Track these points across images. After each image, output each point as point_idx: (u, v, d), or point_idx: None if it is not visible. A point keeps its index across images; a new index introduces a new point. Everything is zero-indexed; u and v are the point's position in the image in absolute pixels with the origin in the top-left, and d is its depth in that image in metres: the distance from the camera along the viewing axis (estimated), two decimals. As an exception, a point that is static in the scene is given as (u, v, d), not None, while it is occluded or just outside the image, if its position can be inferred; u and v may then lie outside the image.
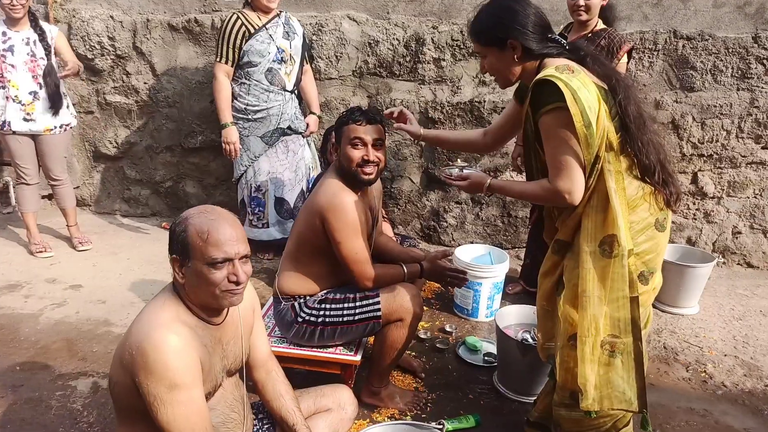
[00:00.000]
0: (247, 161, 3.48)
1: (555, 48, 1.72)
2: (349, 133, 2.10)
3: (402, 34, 3.66)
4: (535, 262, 3.16)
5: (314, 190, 2.19)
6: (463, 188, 1.92)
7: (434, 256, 2.29)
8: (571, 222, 1.75)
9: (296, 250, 2.19)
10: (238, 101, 3.38)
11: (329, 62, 3.77)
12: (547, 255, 1.89)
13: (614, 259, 1.65)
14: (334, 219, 2.04)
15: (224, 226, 1.41)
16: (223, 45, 3.28)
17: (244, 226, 3.63)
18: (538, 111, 1.65)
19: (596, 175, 1.65)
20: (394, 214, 4.03)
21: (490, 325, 3.02)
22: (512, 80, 1.79)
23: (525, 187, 1.78)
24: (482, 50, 1.77)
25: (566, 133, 1.60)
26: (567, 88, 1.57)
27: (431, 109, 3.73)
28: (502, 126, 2.09)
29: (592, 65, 1.69)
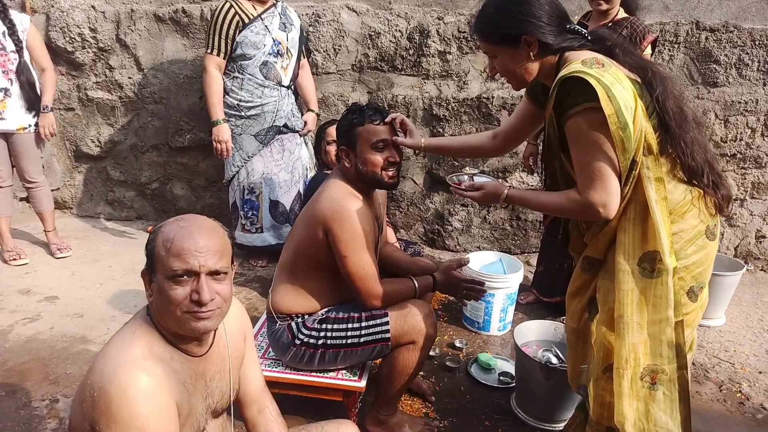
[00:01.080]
0: (240, 161, 3.24)
1: (576, 40, 1.51)
2: (369, 135, 1.88)
3: (405, 25, 3.42)
4: (549, 270, 2.94)
5: (316, 195, 1.94)
6: (476, 200, 1.70)
7: (448, 266, 2.06)
8: (604, 237, 1.53)
9: (293, 263, 1.95)
10: (230, 97, 3.14)
11: (327, 56, 3.53)
12: (575, 273, 1.67)
13: (656, 279, 1.44)
14: (340, 229, 1.81)
15: (193, 234, 1.20)
16: (214, 35, 3.04)
17: (236, 230, 3.40)
18: (564, 113, 1.43)
19: (633, 183, 1.44)
20: (395, 217, 3.79)
21: (503, 340, 2.79)
22: (528, 81, 1.57)
23: (549, 198, 1.55)
24: (491, 50, 1.55)
25: (599, 137, 1.39)
26: (599, 84, 1.36)
27: (436, 105, 3.50)
28: (514, 127, 1.86)
29: (623, 57, 1.47)
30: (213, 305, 1.22)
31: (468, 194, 1.70)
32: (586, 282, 1.62)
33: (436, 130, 3.55)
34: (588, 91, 1.36)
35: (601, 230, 1.54)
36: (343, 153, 1.95)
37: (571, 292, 1.67)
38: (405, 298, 1.94)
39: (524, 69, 1.54)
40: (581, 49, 1.50)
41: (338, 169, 1.99)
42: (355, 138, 1.91)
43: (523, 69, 1.54)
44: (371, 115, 1.90)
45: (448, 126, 3.52)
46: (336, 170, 2.00)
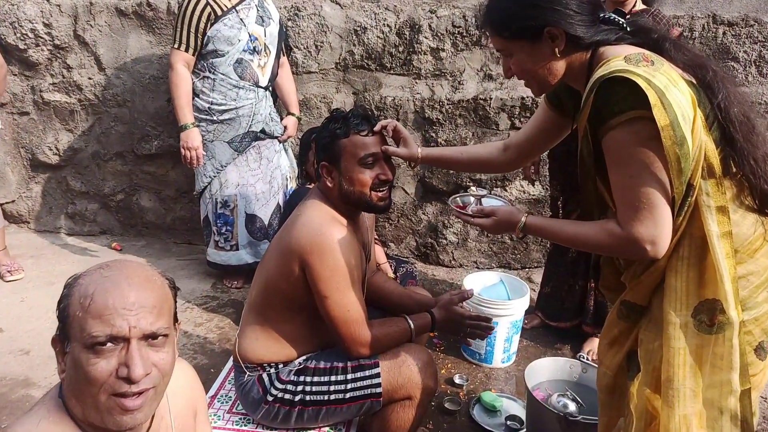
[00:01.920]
0: (212, 171, 2.91)
1: (612, 32, 1.20)
2: (355, 149, 1.57)
3: (394, 19, 3.09)
4: (558, 292, 2.64)
5: (291, 220, 1.62)
6: (485, 228, 1.38)
7: (448, 301, 1.75)
8: (649, 279, 1.23)
9: (264, 302, 1.63)
10: (200, 99, 2.81)
11: (308, 53, 3.19)
12: (610, 318, 1.36)
13: (716, 335, 1.14)
14: (321, 264, 1.49)
15: (120, 286, 0.92)
16: (182, 28, 2.71)
17: (209, 248, 3.07)
18: (602, 124, 1.13)
19: (688, 212, 1.14)
20: (385, 230, 3.47)
21: (508, 373, 2.48)
22: (552, 83, 1.26)
23: (580, 230, 1.24)
24: (507, 46, 1.24)
25: (648, 155, 1.10)
26: (650, 87, 1.06)
27: (428, 107, 3.18)
28: (530, 138, 1.55)
29: (674, 52, 1.17)
30: (147, 382, 0.91)
31: (476, 221, 1.39)
32: (624, 331, 1.31)
33: (428, 135, 3.23)
34: (635, 95, 1.07)
35: (646, 270, 1.23)
36: (323, 170, 1.63)
37: (605, 343, 1.36)
38: (398, 342, 1.63)
39: (547, 69, 1.23)
40: (619, 43, 1.19)
41: (318, 189, 1.67)
42: (339, 152, 1.59)
43: (546, 69, 1.23)
44: (358, 125, 1.59)
45: (441, 130, 3.20)
46: (315, 189, 1.68)
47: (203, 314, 2.84)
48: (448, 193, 3.33)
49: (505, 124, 3.14)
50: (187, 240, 3.63)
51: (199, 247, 3.52)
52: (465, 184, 3.26)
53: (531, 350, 2.65)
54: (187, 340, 2.62)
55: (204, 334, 2.67)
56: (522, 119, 3.11)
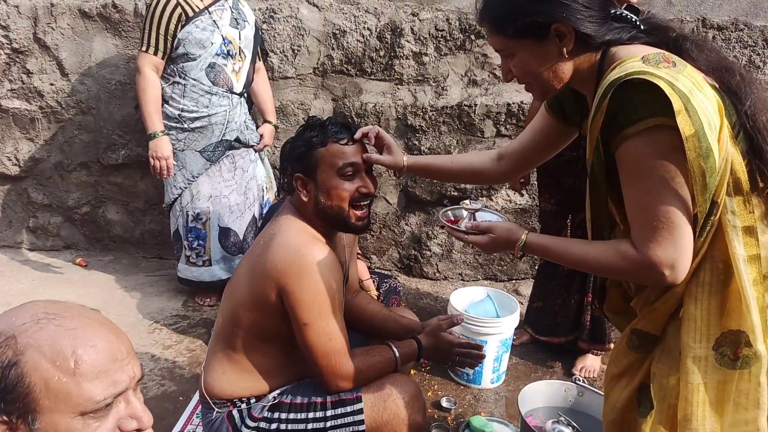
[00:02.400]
0: (183, 182, 2.74)
1: (624, 30, 1.08)
2: (333, 158, 1.43)
3: (374, 22, 2.96)
4: (550, 306, 2.51)
5: (263, 241, 1.47)
6: (481, 246, 1.25)
7: (436, 327, 1.61)
8: (665, 306, 1.10)
9: (233, 332, 1.47)
10: (170, 106, 2.64)
11: (284, 57, 3.04)
12: (618, 348, 1.23)
13: (741, 370, 1.03)
14: (301, 289, 1.34)
15: (104, 336, 0.81)
16: (150, 30, 2.55)
17: (179, 263, 2.89)
18: (617, 133, 1.00)
19: (710, 233, 1.02)
20: (366, 241, 3.32)
21: (498, 394, 2.35)
22: (557, 87, 1.13)
23: (589, 252, 1.12)
24: (508, 45, 1.12)
25: (668, 168, 0.98)
26: (674, 92, 0.93)
27: (411, 114, 3.05)
28: (527, 147, 1.41)
29: (696, 53, 1.04)
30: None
31: (470, 239, 1.25)
32: (635, 363, 1.18)
33: (411, 143, 3.10)
34: (655, 101, 0.94)
35: (661, 297, 1.10)
36: (298, 182, 1.48)
37: (613, 375, 1.23)
38: (383, 373, 1.49)
39: (553, 71, 1.10)
40: (633, 42, 1.07)
41: (291, 204, 1.52)
42: (315, 162, 1.45)
43: (551, 71, 1.10)
44: (336, 132, 1.44)
45: (425, 138, 3.07)
46: (288, 205, 1.53)
47: (172, 335, 2.66)
48: (431, 204, 3.21)
49: (491, 131, 3.02)
50: (157, 254, 3.44)
51: (169, 262, 3.33)
52: (450, 193, 3.13)
53: (521, 368, 2.52)
54: (154, 364, 2.43)
55: (173, 358, 2.49)
56: (508, 126, 3.00)
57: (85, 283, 3.10)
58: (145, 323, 2.75)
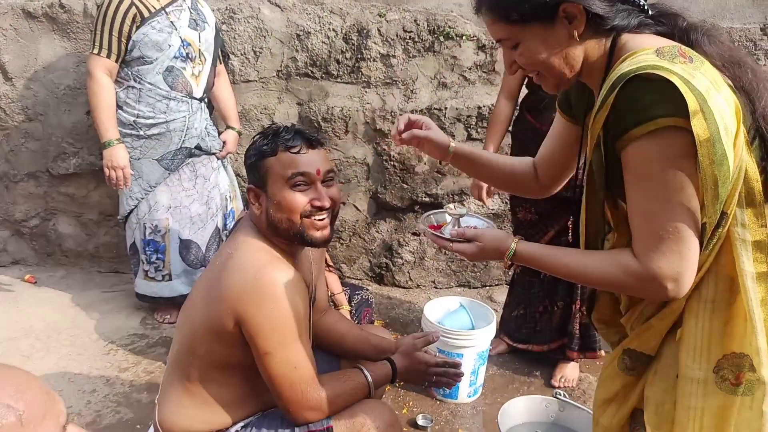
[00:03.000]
0: (139, 192, 2.58)
1: (632, 14, 0.98)
2: (283, 168, 1.32)
3: (340, 23, 2.85)
4: (530, 314, 2.44)
5: (218, 262, 1.34)
6: (468, 256, 1.13)
7: (411, 347, 1.51)
8: (662, 324, 1.02)
9: (188, 361, 1.34)
10: (124, 112, 2.49)
11: (245, 60, 2.91)
12: (609, 370, 1.14)
13: (743, 396, 0.95)
14: (261, 315, 1.22)
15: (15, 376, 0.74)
16: (103, 31, 2.39)
17: (137, 278, 2.73)
18: (624, 132, 0.91)
19: (716, 246, 0.94)
20: (336, 250, 3.21)
21: (475, 408, 2.27)
22: (569, 76, 1.03)
23: (586, 262, 1.02)
24: (513, 33, 1.01)
25: (677, 175, 0.89)
26: (691, 91, 0.85)
27: (380, 118, 2.95)
28: (551, 156, 1.29)
29: (709, 46, 0.96)
30: None
31: (455, 247, 1.13)
32: (627, 386, 1.10)
33: (380, 148, 3.00)
34: (669, 100, 0.86)
35: (657, 312, 1.01)
36: (251, 194, 1.36)
37: (603, 399, 1.14)
38: (354, 400, 1.38)
39: (564, 58, 1.00)
40: (642, 31, 0.97)
41: (248, 219, 1.40)
42: (265, 173, 1.33)
43: (562, 58, 1.00)
44: (288, 140, 1.32)
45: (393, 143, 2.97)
46: (245, 220, 1.41)
47: (129, 357, 2.49)
48: (402, 210, 3.11)
49: (462, 135, 2.95)
50: (114, 269, 3.25)
51: (127, 276, 3.15)
52: (421, 199, 3.04)
53: (498, 380, 2.44)
54: (109, 389, 2.26)
55: (130, 381, 2.33)
56: (479, 130, 2.93)
57: (35, 302, 2.90)
58: (99, 344, 2.58)
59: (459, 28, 2.82)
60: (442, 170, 3.00)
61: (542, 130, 2.15)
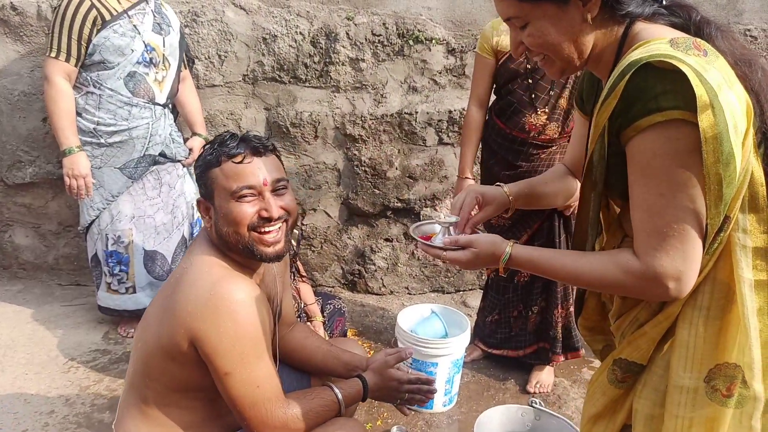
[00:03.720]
0: (101, 203, 2.48)
1: (647, 2, 0.95)
2: (227, 179, 1.25)
3: (307, 26, 2.79)
4: (505, 319, 2.41)
5: (173, 279, 1.27)
6: (462, 264, 1.09)
7: (383, 364, 1.46)
8: (656, 329, 0.98)
9: (144, 383, 1.27)
10: (83, 119, 2.39)
11: (210, 64, 2.82)
12: (597, 383, 1.10)
13: (733, 409, 0.92)
14: (217, 335, 1.16)
15: None
16: (60, 34, 2.28)
17: (99, 290, 2.63)
18: (631, 122, 0.87)
19: (717, 251, 0.91)
20: (307, 257, 3.14)
21: (450, 418, 2.23)
22: (577, 63, 0.99)
23: (584, 264, 0.98)
24: (524, 12, 0.95)
25: (686, 172, 0.85)
26: (702, 85, 0.81)
27: (349, 123, 2.90)
28: (576, 155, 1.26)
29: (722, 41, 0.92)
30: None
31: (449, 256, 1.08)
32: (617, 399, 1.06)
33: (351, 153, 2.95)
34: (680, 91, 0.82)
35: (652, 318, 0.98)
36: (201, 207, 1.30)
37: (591, 415, 1.10)
38: (324, 419, 1.33)
39: (574, 41, 0.95)
40: (656, 21, 0.94)
41: (204, 232, 1.34)
42: (211, 185, 1.27)
43: (571, 42, 0.95)
44: (232, 148, 1.25)
45: (365, 147, 2.93)
46: (201, 234, 1.34)
47: (91, 374, 2.38)
48: (374, 216, 3.07)
49: (433, 139, 2.92)
50: (75, 281, 3.13)
51: (89, 289, 3.03)
52: (393, 205, 3.00)
53: (473, 387, 2.41)
54: (68, 410, 2.16)
55: (92, 400, 2.22)
56: (450, 134, 2.90)
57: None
58: (59, 361, 2.46)
59: (428, 32, 2.79)
60: (413, 175, 2.97)
61: (512, 134, 2.15)
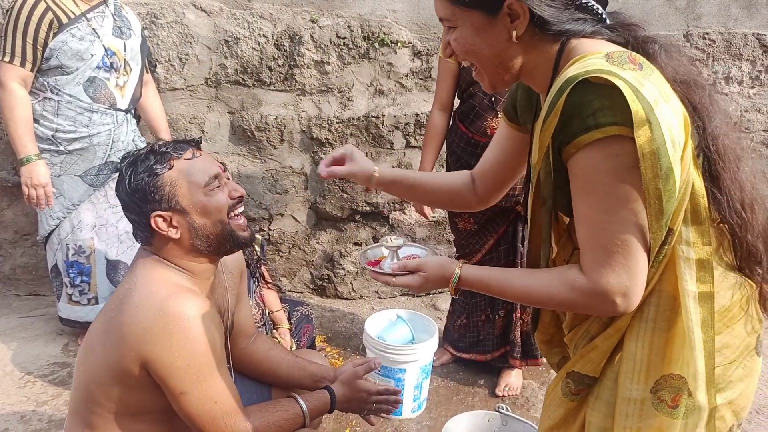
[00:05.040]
0: (61, 212, 2.40)
1: (588, 22, 0.94)
2: (191, 176, 1.24)
3: (270, 29, 2.75)
4: (473, 323, 2.41)
5: (117, 299, 1.23)
6: (413, 288, 1.08)
7: (352, 375, 1.44)
8: (607, 342, 0.98)
9: (89, 410, 1.22)
10: (41, 126, 2.31)
11: (170, 67, 2.76)
12: (552, 396, 1.11)
13: (678, 420, 0.92)
14: (171, 354, 1.13)
15: None
16: (15, 37, 2.19)
17: (60, 302, 2.55)
18: (570, 140, 0.87)
19: (662, 264, 0.91)
20: (276, 263, 3.10)
21: (419, 424, 2.22)
22: (505, 78, 0.99)
23: (532, 281, 0.98)
24: (454, 14, 0.95)
25: (627, 188, 0.85)
26: (638, 100, 0.81)
27: (316, 127, 2.86)
28: (495, 166, 1.24)
29: (664, 59, 0.92)
30: None
31: (399, 281, 1.07)
32: (572, 412, 1.06)
33: (318, 157, 2.92)
34: (616, 107, 0.82)
35: (602, 332, 0.98)
36: (158, 221, 1.24)
37: (547, 428, 1.10)
38: (288, 431, 1.29)
39: (498, 57, 0.95)
40: (596, 37, 0.93)
41: (148, 251, 1.29)
42: (173, 190, 1.23)
43: (496, 57, 0.95)
44: (176, 149, 1.25)
45: (330, 150, 2.89)
46: (142, 251, 1.30)
47: (49, 388, 2.30)
48: (343, 220, 3.04)
49: (400, 143, 2.91)
50: (33, 291, 3.02)
51: (48, 299, 2.94)
52: (362, 208, 2.98)
53: (442, 391, 2.41)
54: (24, 427, 2.08)
55: (49, 416, 2.14)
56: (417, 137, 2.89)
57: (-59, 333, 2.65)
58: (14, 376, 2.37)
59: (394, 35, 2.77)
60: (381, 178, 2.95)
61: (474, 139, 2.15)
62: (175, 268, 1.24)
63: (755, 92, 3.01)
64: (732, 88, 2.98)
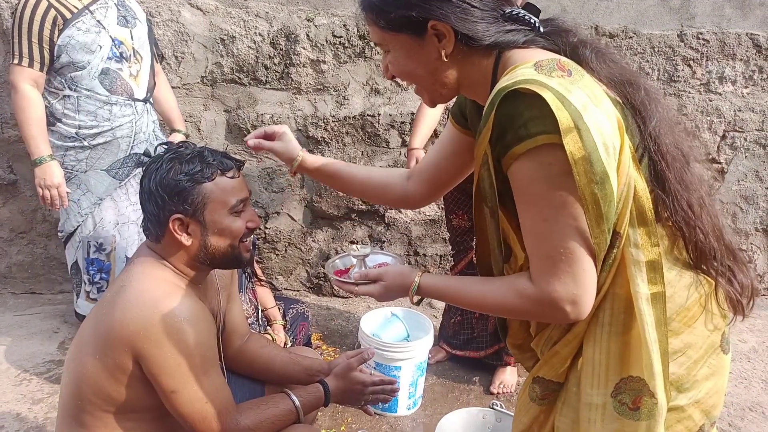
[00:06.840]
0: (89, 207, 2.36)
1: (520, 32, 0.95)
2: (225, 195, 1.25)
3: (266, 27, 2.75)
4: (467, 320, 2.43)
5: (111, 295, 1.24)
6: (375, 297, 1.09)
7: (346, 367, 1.45)
8: (567, 349, 0.99)
9: (79, 407, 1.23)
10: (64, 125, 2.26)
11: (167, 65, 2.76)
12: (521, 402, 1.11)
13: (640, 422, 0.93)
14: (163, 352, 1.14)
15: None
16: (21, 39, 2.16)
17: (78, 299, 2.52)
18: (507, 150, 0.87)
19: (613, 268, 0.92)
20: (271, 261, 3.10)
21: (415, 421, 2.23)
22: (444, 93, 1.01)
23: (485, 290, 0.99)
24: (384, 39, 0.98)
25: (563, 195, 0.85)
26: (564, 107, 0.81)
27: (312, 125, 2.87)
28: (437, 165, 1.25)
29: (597, 62, 0.93)
30: None
31: (361, 290, 1.09)
32: (539, 417, 1.07)
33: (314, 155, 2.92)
34: (545, 116, 0.82)
35: (562, 338, 0.99)
36: (176, 224, 1.25)
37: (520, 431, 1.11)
38: (281, 427, 1.31)
39: (433, 75, 0.97)
40: (530, 46, 0.94)
41: (149, 248, 1.30)
42: (204, 201, 1.24)
43: (431, 75, 0.97)
44: (222, 164, 1.25)
45: (328, 150, 2.91)
46: (143, 249, 1.31)
47: (45, 386, 2.30)
48: (339, 219, 3.05)
49: (396, 141, 2.91)
50: (29, 289, 3.02)
51: (44, 297, 2.94)
52: (357, 207, 2.99)
53: (438, 389, 2.42)
54: (19, 425, 2.08)
55: (45, 414, 2.15)
56: (413, 136, 2.90)
57: (-63, 331, 2.65)
58: (10, 373, 2.37)
59: (390, 33, 2.78)
60: (377, 177, 2.96)
61: None
62: (172, 269, 1.26)
63: (749, 92, 3.02)
64: (726, 88, 3.00)
